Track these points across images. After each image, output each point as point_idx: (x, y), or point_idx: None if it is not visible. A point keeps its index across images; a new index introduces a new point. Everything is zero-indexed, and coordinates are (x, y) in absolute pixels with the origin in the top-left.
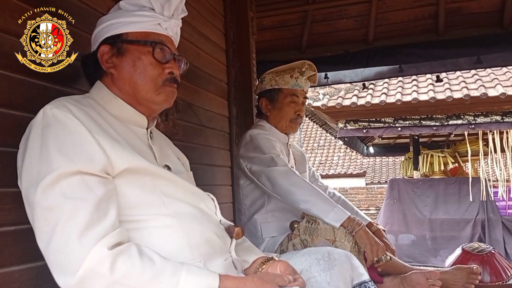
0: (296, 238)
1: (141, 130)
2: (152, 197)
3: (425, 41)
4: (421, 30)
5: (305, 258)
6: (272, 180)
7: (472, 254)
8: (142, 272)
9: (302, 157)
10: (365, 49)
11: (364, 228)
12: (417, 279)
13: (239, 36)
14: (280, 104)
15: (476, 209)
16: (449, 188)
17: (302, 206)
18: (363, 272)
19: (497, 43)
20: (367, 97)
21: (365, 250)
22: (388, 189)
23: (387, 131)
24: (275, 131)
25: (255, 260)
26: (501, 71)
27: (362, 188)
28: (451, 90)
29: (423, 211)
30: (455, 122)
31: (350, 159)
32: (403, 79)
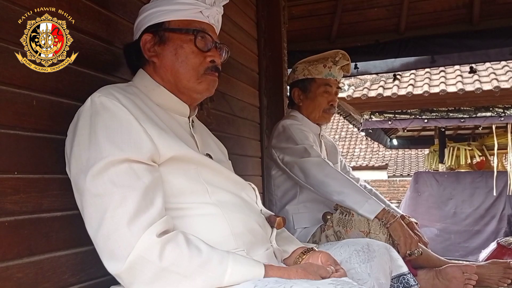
0: (329, 230)
1: (183, 119)
2: (196, 185)
3: (459, 31)
4: (455, 19)
5: (344, 249)
6: (305, 171)
7: (508, 248)
8: (190, 260)
9: (334, 148)
10: (397, 39)
11: (398, 220)
12: (452, 272)
13: (271, 26)
14: (313, 94)
15: (503, 203)
16: (475, 182)
17: (335, 197)
18: (402, 265)
19: None
20: (394, 88)
21: (399, 242)
22: (413, 182)
23: (413, 123)
24: (307, 122)
25: (295, 251)
26: None
27: (384, 180)
28: (480, 82)
29: (448, 205)
30: (484, 115)
31: (372, 151)
32: (431, 70)
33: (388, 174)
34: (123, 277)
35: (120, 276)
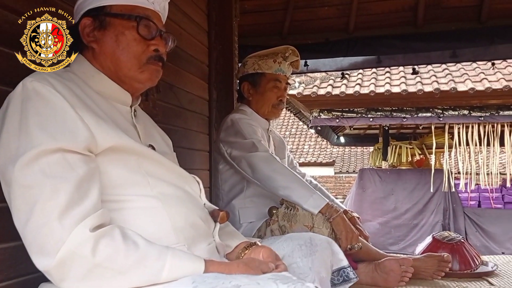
0: (274, 224)
1: (125, 108)
2: (136, 177)
3: (404, 33)
4: (400, 22)
5: (287, 244)
6: (253, 165)
7: (442, 242)
8: (125, 255)
9: (282, 144)
10: (345, 39)
11: (341, 215)
12: (390, 265)
13: (222, 18)
14: (262, 88)
15: (440, 199)
16: (415, 179)
17: (281, 192)
18: (342, 258)
19: (473, 38)
20: (342, 87)
21: (340, 237)
22: (357, 178)
23: (359, 121)
24: (256, 116)
25: (238, 245)
26: (470, 67)
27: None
28: (422, 84)
29: (389, 200)
30: (424, 115)
31: (320, 148)
32: (377, 71)
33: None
34: (53, 273)
35: (49, 272)
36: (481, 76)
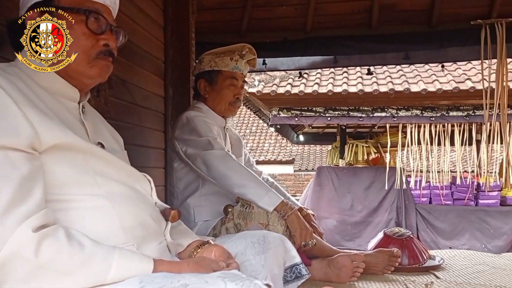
0: (229, 222)
1: (73, 104)
2: (83, 175)
3: (359, 35)
4: (356, 23)
5: (240, 242)
6: (208, 163)
7: (392, 238)
8: (70, 256)
9: (239, 142)
10: (303, 38)
11: (296, 212)
12: (343, 261)
13: (179, 14)
14: (219, 86)
15: (393, 196)
16: (370, 177)
17: (237, 190)
18: (295, 255)
19: (424, 41)
20: (301, 86)
21: (295, 234)
22: (315, 176)
23: (317, 120)
24: (212, 114)
25: (190, 244)
26: (423, 69)
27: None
28: (377, 84)
29: (346, 198)
30: (380, 115)
31: (280, 146)
32: (335, 71)
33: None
34: None
35: None
36: (432, 78)
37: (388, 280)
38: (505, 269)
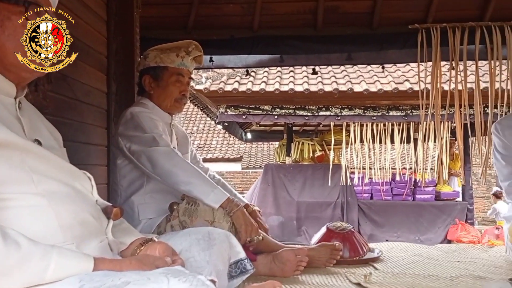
0: (175, 220)
1: (8, 100)
2: (19, 173)
3: (305, 35)
4: (302, 24)
5: (185, 238)
6: (153, 160)
7: (335, 232)
8: (6, 256)
9: (185, 138)
10: (250, 36)
11: (241, 209)
12: (287, 256)
13: (123, 8)
14: (164, 82)
15: (337, 193)
16: (315, 174)
17: (183, 187)
18: (240, 251)
19: (366, 43)
20: (248, 84)
21: (240, 230)
22: (263, 173)
23: (265, 118)
24: (158, 110)
25: (133, 242)
26: (365, 70)
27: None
28: (323, 84)
29: (292, 194)
30: (325, 113)
31: (228, 144)
32: (282, 70)
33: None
34: None
35: None
36: (374, 79)
37: (330, 273)
38: (437, 259)
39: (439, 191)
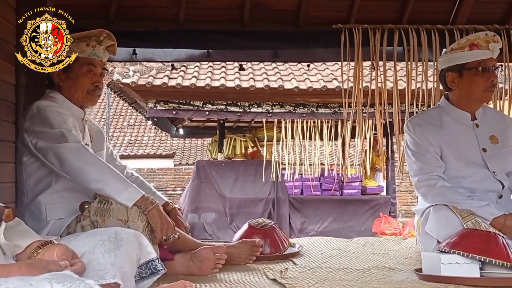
0: (85, 220)
1: None
2: None
3: (232, 30)
4: (228, 19)
5: (89, 240)
6: (61, 157)
7: (256, 228)
8: None
9: (100, 134)
10: (175, 30)
11: (157, 207)
12: (205, 254)
13: None
14: (75, 73)
15: (269, 188)
16: (248, 170)
17: (93, 185)
18: (151, 251)
19: (292, 40)
20: (178, 78)
21: (155, 228)
22: (195, 170)
23: (195, 114)
24: (68, 104)
25: (30, 245)
26: (296, 67)
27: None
28: (254, 80)
29: (224, 190)
30: (256, 110)
31: (160, 140)
32: (213, 65)
33: (175, 163)
34: None
35: None
36: (304, 76)
37: (250, 270)
38: (354, 252)
39: (365, 186)
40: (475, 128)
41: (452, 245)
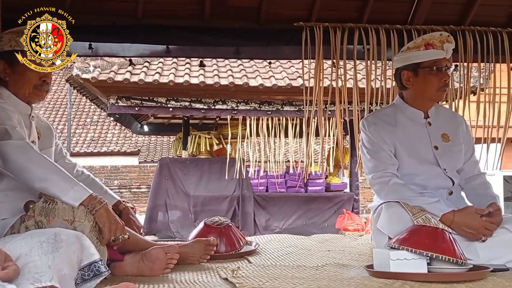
0: (30, 220)
1: None
2: None
3: (193, 26)
4: (189, 14)
5: (26, 242)
6: (5, 155)
7: (212, 227)
8: None
9: (48, 131)
10: (133, 24)
11: (105, 206)
12: (156, 254)
13: None
14: (21, 68)
15: (234, 186)
16: (212, 167)
17: (38, 184)
18: (94, 252)
19: (254, 38)
20: (141, 74)
21: (103, 229)
22: (158, 168)
23: (159, 110)
24: (15, 100)
25: None
26: (262, 64)
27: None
28: (219, 77)
29: (188, 188)
30: (221, 107)
31: (124, 137)
32: (178, 61)
33: (139, 160)
34: None
35: None
36: (269, 74)
37: (203, 269)
38: (310, 249)
39: (329, 183)
40: (428, 126)
41: (401, 241)
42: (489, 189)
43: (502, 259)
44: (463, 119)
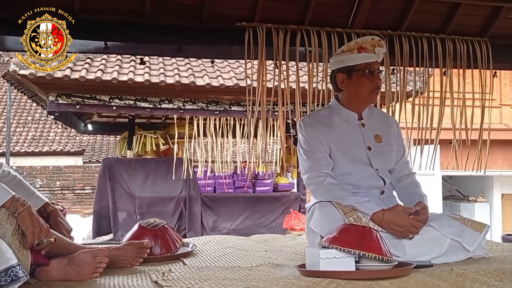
0: None
1: None
2: None
3: (133, 22)
4: (129, 10)
5: None
6: None
7: (147, 229)
8: None
9: None
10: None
11: (28, 209)
12: (84, 258)
13: None
14: None
15: (181, 187)
16: (159, 168)
17: None
18: (10, 257)
19: (196, 36)
20: (82, 71)
21: (26, 232)
22: (102, 168)
23: (102, 108)
24: None
25: None
26: (209, 63)
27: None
28: (165, 75)
29: (133, 189)
30: (167, 106)
31: (68, 136)
32: (122, 58)
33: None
34: None
35: None
36: (217, 73)
37: (135, 272)
38: (248, 250)
39: (277, 183)
40: (361, 127)
41: (330, 240)
42: (418, 188)
43: (428, 256)
44: (395, 121)
